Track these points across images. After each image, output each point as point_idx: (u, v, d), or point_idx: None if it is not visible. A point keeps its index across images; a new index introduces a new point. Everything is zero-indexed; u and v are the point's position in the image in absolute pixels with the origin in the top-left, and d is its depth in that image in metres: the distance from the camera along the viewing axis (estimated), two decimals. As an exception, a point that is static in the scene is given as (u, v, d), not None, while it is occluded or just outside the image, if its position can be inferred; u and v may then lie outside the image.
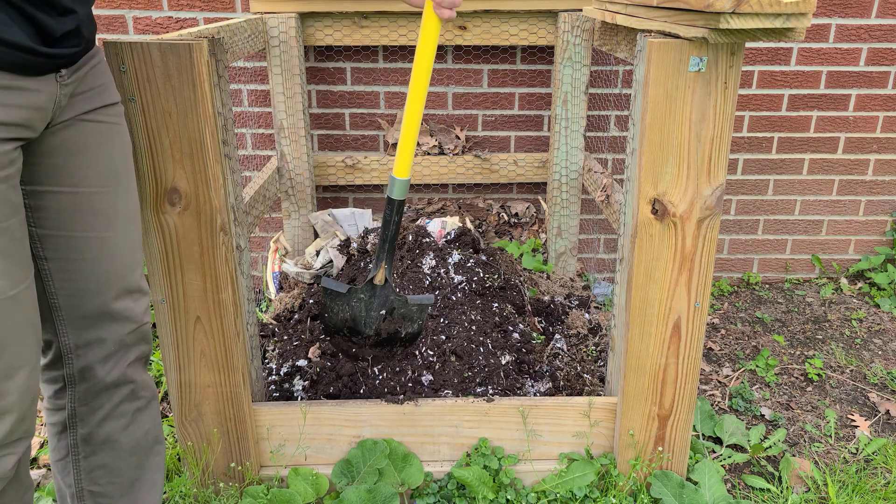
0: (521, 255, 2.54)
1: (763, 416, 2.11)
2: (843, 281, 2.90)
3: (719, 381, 2.28)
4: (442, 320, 1.96)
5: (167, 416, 2.02)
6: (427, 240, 2.26)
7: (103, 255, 1.22)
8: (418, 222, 2.31)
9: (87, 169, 1.18)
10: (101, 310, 1.24)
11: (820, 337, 2.55)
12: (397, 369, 1.83)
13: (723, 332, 2.58)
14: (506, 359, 1.88)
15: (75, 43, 1.10)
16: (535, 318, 2.18)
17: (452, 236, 2.34)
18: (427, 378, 1.81)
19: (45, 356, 1.28)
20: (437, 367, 1.83)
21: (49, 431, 1.35)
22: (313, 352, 1.92)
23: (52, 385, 1.30)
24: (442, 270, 2.13)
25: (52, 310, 1.22)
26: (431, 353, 1.86)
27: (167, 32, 2.05)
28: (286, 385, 1.84)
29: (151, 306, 1.41)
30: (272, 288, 2.40)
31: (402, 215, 1.58)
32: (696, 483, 1.73)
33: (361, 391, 1.79)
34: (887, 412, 2.13)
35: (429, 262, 2.16)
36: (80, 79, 1.15)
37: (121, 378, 1.31)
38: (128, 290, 1.27)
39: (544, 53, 2.56)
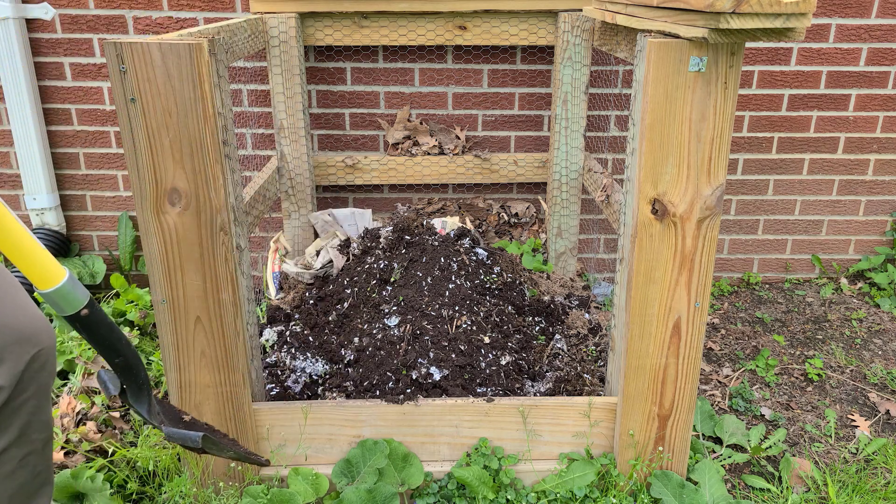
0: (521, 255, 2.54)
1: (763, 416, 2.11)
2: (843, 281, 2.90)
3: (719, 381, 2.28)
4: (442, 324, 1.96)
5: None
6: (430, 238, 2.26)
7: None
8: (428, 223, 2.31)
9: None
10: None
11: (820, 337, 2.55)
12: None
13: (723, 332, 2.58)
14: (506, 359, 1.88)
15: None
16: (535, 318, 2.18)
17: (452, 236, 2.33)
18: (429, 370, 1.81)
19: None
20: (439, 365, 1.83)
21: None
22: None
23: None
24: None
25: None
26: (432, 354, 1.87)
27: (167, 32, 2.05)
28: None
29: (150, 306, 1.39)
30: (272, 288, 2.40)
31: (100, 324, 1.12)
32: (696, 483, 1.73)
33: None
34: (887, 412, 2.13)
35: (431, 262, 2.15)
36: None
37: None
38: None
39: (544, 53, 2.56)
